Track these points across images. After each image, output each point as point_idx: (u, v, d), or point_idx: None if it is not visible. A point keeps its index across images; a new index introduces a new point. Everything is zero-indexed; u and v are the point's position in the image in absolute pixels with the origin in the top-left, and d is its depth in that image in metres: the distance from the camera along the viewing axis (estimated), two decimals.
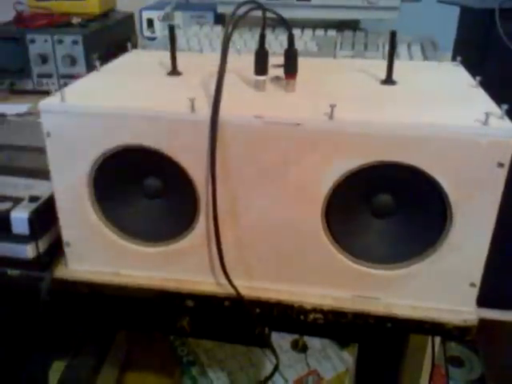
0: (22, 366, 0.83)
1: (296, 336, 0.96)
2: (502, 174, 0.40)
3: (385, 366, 0.57)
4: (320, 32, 0.81)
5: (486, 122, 0.39)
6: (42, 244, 0.51)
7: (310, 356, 0.96)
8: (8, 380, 0.81)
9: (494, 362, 1.00)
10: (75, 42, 0.89)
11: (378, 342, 0.53)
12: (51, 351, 0.83)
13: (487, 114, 0.39)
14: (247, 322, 0.49)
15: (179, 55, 0.53)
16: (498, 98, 0.46)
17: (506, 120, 0.40)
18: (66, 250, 0.51)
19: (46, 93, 0.48)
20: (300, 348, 0.95)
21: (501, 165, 0.40)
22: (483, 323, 0.47)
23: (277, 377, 0.94)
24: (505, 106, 0.41)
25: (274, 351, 0.51)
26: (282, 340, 0.98)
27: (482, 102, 0.45)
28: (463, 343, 1.04)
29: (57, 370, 0.85)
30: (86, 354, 0.90)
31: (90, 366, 0.89)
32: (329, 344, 0.99)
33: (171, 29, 0.51)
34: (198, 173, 0.45)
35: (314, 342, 0.99)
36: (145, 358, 1.01)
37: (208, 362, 1.00)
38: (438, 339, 0.72)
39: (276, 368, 0.51)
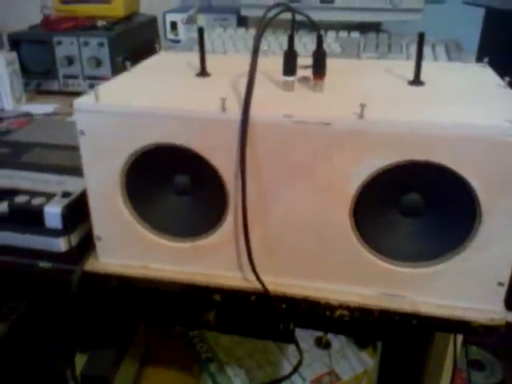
0: (46, 356, 0.85)
1: (319, 333, 0.97)
2: None
3: (407, 365, 0.57)
4: (343, 34, 0.81)
5: None
6: (74, 238, 0.53)
7: (330, 355, 0.97)
8: (31, 371, 0.83)
9: None
10: (101, 45, 0.91)
11: (403, 340, 0.54)
12: (74, 344, 0.85)
13: None
14: (273, 317, 0.50)
15: (207, 57, 0.54)
16: None
17: None
18: (97, 243, 0.52)
19: (72, 93, 0.50)
20: (323, 345, 0.95)
21: None
22: (506, 327, 0.47)
23: (295, 376, 0.95)
24: None
25: (298, 346, 0.52)
26: (301, 340, 0.98)
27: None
28: (485, 347, 1.03)
29: (79, 363, 0.86)
30: (107, 349, 0.91)
31: (111, 361, 0.91)
32: (347, 344, 0.99)
33: (200, 31, 0.52)
34: (227, 170, 0.46)
35: (333, 342, 1.00)
36: (164, 354, 1.02)
37: (226, 359, 1.01)
38: (459, 343, 0.72)
39: (300, 363, 0.52)
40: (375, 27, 0.88)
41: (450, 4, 0.83)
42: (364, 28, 0.84)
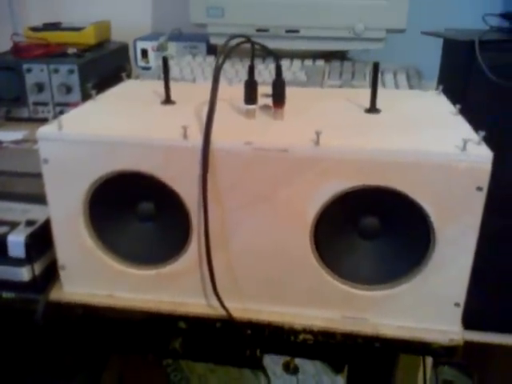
0: None
1: (287, 358, 0.96)
2: (481, 197, 0.42)
3: None
4: (308, 62, 0.84)
5: (464, 148, 0.41)
6: (38, 267, 0.52)
7: (304, 380, 0.96)
8: None
9: None
10: (71, 72, 0.91)
11: (368, 362, 0.54)
12: (44, 375, 0.82)
13: (465, 141, 0.41)
14: (239, 343, 0.50)
15: (173, 85, 0.55)
16: (478, 124, 0.48)
17: (483, 146, 0.43)
18: (61, 272, 0.52)
19: (42, 120, 0.50)
20: (291, 370, 0.95)
21: (479, 188, 0.41)
22: (476, 346, 0.48)
23: None
24: (482, 133, 0.44)
25: (264, 371, 0.52)
26: (275, 366, 0.98)
27: (461, 129, 0.47)
28: (456, 367, 1.03)
29: None
30: (79, 379, 0.89)
31: None
32: (322, 369, 0.99)
33: (165, 60, 0.53)
34: (190, 197, 0.46)
35: (307, 367, 0.99)
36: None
37: None
38: (429, 364, 0.73)
39: None
40: (340, 55, 0.91)
41: (412, 33, 0.86)
42: (329, 56, 0.87)
